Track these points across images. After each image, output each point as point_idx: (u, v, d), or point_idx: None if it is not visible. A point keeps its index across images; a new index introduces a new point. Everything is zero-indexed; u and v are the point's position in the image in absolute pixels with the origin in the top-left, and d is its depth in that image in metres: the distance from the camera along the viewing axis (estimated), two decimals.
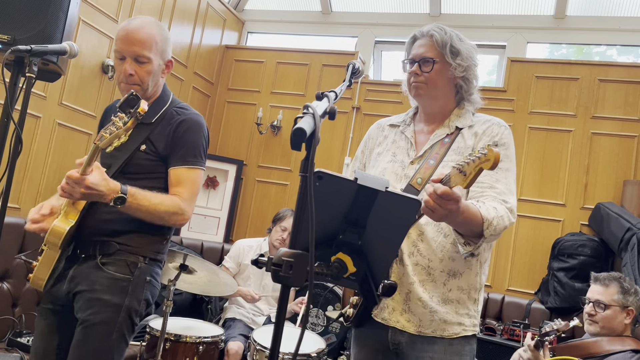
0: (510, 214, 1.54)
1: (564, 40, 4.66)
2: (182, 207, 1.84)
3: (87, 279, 1.81)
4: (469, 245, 1.50)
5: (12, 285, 3.09)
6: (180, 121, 1.92)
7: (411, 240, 1.63)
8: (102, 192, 1.65)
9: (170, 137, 1.89)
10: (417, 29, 1.76)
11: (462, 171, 1.27)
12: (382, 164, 1.77)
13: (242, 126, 5.14)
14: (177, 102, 2.02)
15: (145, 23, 1.92)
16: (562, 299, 3.68)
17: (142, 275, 1.87)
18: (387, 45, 5.20)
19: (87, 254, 1.84)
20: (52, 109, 3.54)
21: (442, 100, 1.74)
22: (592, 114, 4.12)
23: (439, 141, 1.71)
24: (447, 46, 1.68)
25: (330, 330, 3.70)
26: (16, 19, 1.97)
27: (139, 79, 1.88)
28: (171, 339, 2.80)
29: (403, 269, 1.63)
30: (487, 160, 1.21)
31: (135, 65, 1.87)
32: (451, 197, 1.31)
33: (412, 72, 1.72)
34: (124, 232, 1.85)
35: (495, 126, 1.70)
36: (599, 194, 3.99)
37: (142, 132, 1.90)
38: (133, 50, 1.86)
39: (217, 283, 3.00)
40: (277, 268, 0.98)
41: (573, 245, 3.78)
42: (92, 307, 1.78)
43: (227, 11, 5.26)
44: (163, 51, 1.95)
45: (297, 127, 0.96)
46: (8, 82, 1.86)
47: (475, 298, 1.67)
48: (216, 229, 4.88)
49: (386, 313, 1.65)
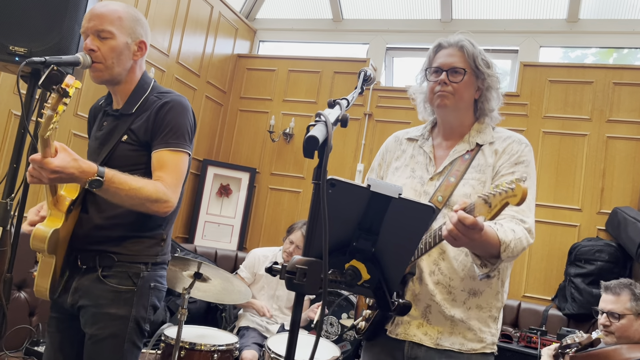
0: (529, 235, 1.52)
1: (577, 44, 4.62)
2: (165, 193, 1.69)
3: (91, 293, 1.76)
4: (486, 267, 1.48)
5: (29, 295, 3.13)
6: (162, 104, 1.80)
7: (432, 259, 1.60)
8: (73, 174, 1.53)
9: (151, 121, 1.78)
10: (442, 38, 1.72)
11: (488, 202, 1.26)
12: (400, 180, 1.74)
13: (254, 134, 5.16)
14: (159, 88, 1.90)
15: (112, 3, 1.82)
16: (579, 306, 3.62)
17: (146, 284, 1.82)
18: (399, 52, 5.20)
19: (88, 265, 1.78)
20: (68, 120, 3.58)
21: (463, 113, 1.71)
22: (607, 117, 4.07)
23: (458, 157, 1.67)
24: (478, 59, 1.66)
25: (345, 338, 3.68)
26: (32, 32, 2.00)
27: (102, 55, 1.75)
28: (186, 347, 2.81)
29: (422, 287, 1.60)
30: (514, 195, 1.20)
31: (98, 40, 1.75)
32: (476, 227, 1.30)
33: (440, 81, 1.65)
34: (119, 238, 1.78)
35: (516, 144, 1.67)
36: (615, 198, 3.94)
37: (123, 123, 1.82)
38: (93, 25, 1.75)
39: (231, 291, 3.01)
40: (291, 276, 0.98)
41: (590, 251, 3.73)
42: (98, 322, 1.75)
43: (239, 20, 5.30)
44: (131, 30, 1.81)
45: (309, 135, 0.96)
46: (25, 94, 1.89)
47: (495, 317, 1.64)
48: (230, 237, 4.89)
49: (401, 329, 1.61)
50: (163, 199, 1.69)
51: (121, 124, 1.82)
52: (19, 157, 1.97)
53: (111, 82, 1.84)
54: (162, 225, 1.87)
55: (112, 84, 1.86)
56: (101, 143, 1.84)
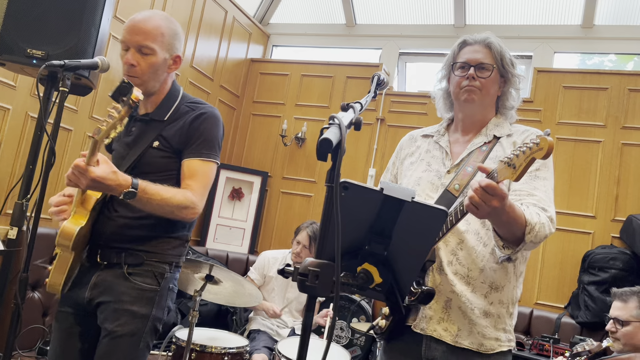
0: (551, 223, 1.49)
1: (592, 50, 4.59)
2: (193, 201, 1.78)
3: (113, 290, 1.78)
4: (507, 249, 1.46)
5: (42, 295, 3.16)
6: (197, 114, 1.86)
7: (450, 249, 1.59)
8: (110, 186, 1.61)
9: (185, 130, 1.84)
10: (468, 35, 1.73)
11: (511, 164, 1.23)
12: (416, 173, 1.73)
13: (267, 138, 5.18)
14: (189, 98, 1.96)
15: (154, 14, 1.85)
16: (593, 314, 3.58)
17: (167, 284, 1.86)
18: (412, 57, 5.19)
19: (111, 262, 1.80)
20: (83, 122, 3.62)
21: (486, 109, 1.72)
22: (622, 124, 4.03)
23: (476, 149, 1.67)
24: (505, 57, 1.68)
25: (355, 343, 3.67)
26: (50, 36, 2.04)
27: (140, 70, 1.80)
28: (197, 350, 2.82)
29: (442, 277, 1.58)
30: (540, 149, 1.17)
31: (138, 56, 1.80)
32: (496, 192, 1.28)
33: (468, 76, 1.66)
34: (147, 238, 1.82)
35: (534, 135, 1.67)
36: (630, 205, 3.90)
37: (154, 129, 1.85)
38: (136, 40, 1.79)
39: (242, 294, 3.01)
40: (304, 278, 0.98)
41: (604, 259, 3.69)
42: (119, 319, 1.76)
43: (252, 25, 5.34)
44: (170, 45, 1.87)
45: (323, 137, 0.96)
46: (42, 96, 1.92)
47: (511, 312, 1.62)
48: (241, 240, 4.90)
49: (424, 323, 1.59)
50: (191, 206, 1.77)
51: (151, 129, 1.86)
52: (35, 158, 1.99)
53: (144, 93, 1.85)
54: (187, 227, 1.92)
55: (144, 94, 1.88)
56: (129, 147, 1.87)
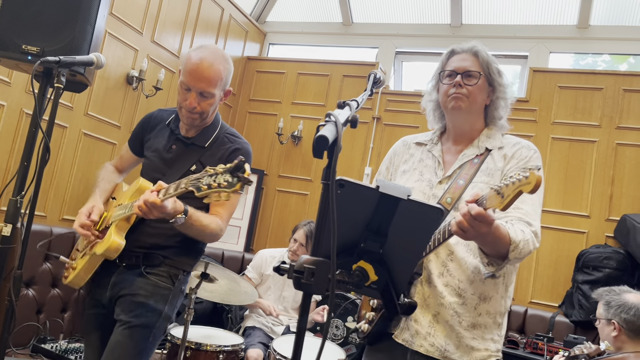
0: (535, 239, 1.51)
1: (587, 50, 4.61)
2: (222, 228, 1.97)
3: (131, 285, 1.92)
4: (492, 266, 1.48)
5: (37, 292, 3.15)
6: (235, 148, 2.04)
7: (441, 260, 1.60)
8: (169, 213, 1.75)
9: (223, 162, 1.93)
10: (455, 45, 1.75)
11: (500, 193, 1.25)
12: (409, 183, 1.74)
13: (263, 136, 5.17)
14: (227, 128, 2.12)
15: (215, 59, 1.96)
16: (587, 313, 3.60)
17: (180, 286, 2.00)
18: (408, 56, 5.20)
19: (130, 263, 1.95)
20: (78, 119, 3.61)
21: (474, 118, 1.73)
22: (617, 124, 4.05)
23: (468, 161, 1.68)
24: (492, 66, 1.69)
25: (350, 341, 3.68)
26: (45, 32, 2.02)
27: (199, 109, 1.96)
28: (192, 348, 2.81)
29: (431, 289, 1.59)
30: (528, 183, 1.19)
31: (200, 98, 1.95)
32: (485, 220, 1.29)
33: (455, 83, 1.67)
34: (167, 246, 1.97)
35: (525, 149, 1.68)
36: (624, 205, 3.92)
37: (194, 153, 2.01)
38: (200, 86, 1.93)
39: (237, 292, 3.01)
40: (299, 275, 0.98)
41: (598, 258, 3.70)
42: (135, 310, 1.89)
43: (249, 23, 5.33)
44: (225, 84, 2.03)
45: (319, 134, 0.96)
46: (37, 93, 1.91)
47: (499, 323, 1.63)
48: (237, 239, 4.90)
49: (408, 335, 1.59)
50: (220, 234, 1.97)
51: (192, 153, 2.02)
52: (29, 155, 1.98)
53: (197, 126, 2.04)
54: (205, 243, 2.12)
55: (196, 127, 2.05)
56: (168, 165, 2.02)
